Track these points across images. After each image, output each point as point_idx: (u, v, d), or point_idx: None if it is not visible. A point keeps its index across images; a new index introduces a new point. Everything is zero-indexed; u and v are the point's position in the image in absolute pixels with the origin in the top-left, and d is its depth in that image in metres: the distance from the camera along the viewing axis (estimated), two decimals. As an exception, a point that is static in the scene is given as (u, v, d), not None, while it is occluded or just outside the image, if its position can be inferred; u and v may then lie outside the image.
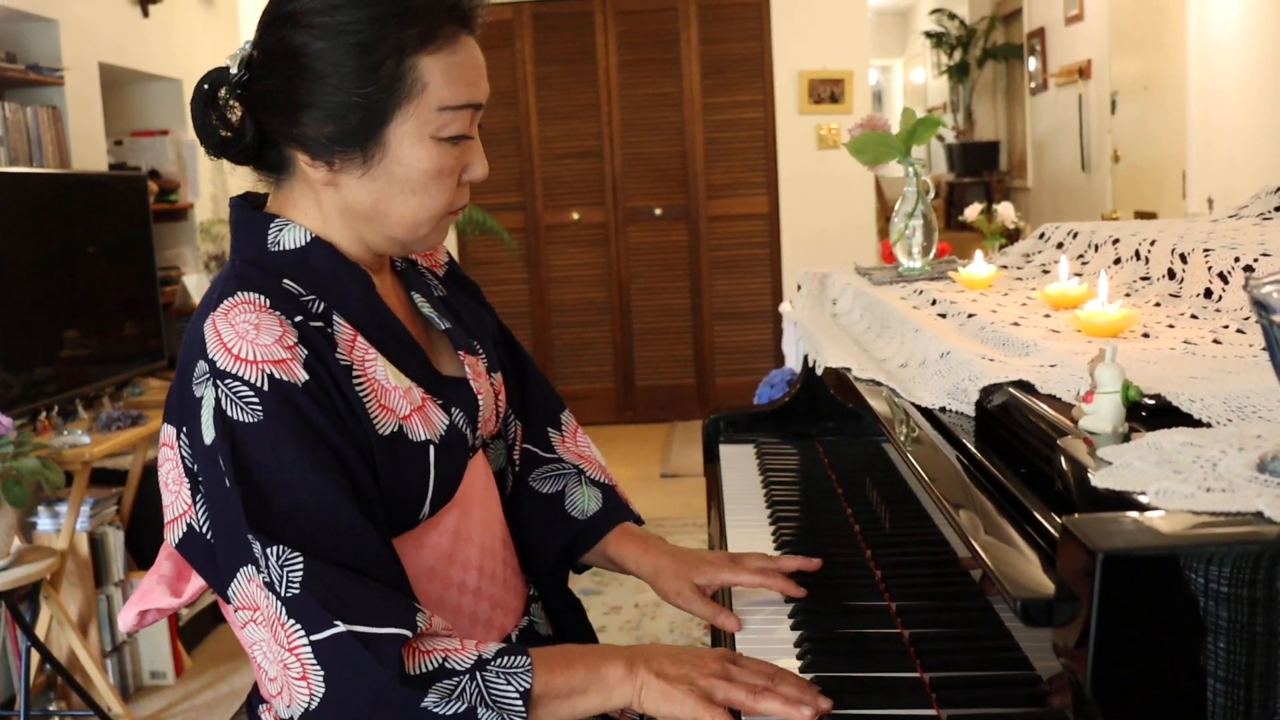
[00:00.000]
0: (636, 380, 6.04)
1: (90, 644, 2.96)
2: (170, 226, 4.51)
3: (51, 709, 2.94)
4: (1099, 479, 0.78)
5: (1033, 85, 7.65)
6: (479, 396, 1.19)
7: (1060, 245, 1.85)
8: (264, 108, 1.09)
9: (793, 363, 3.19)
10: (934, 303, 1.61)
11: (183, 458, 1.07)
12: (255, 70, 1.10)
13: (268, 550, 0.97)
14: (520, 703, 0.97)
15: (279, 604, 0.96)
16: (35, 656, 2.75)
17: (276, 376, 1.00)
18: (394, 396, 1.09)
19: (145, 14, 4.33)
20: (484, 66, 1.12)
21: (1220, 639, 0.66)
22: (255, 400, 1.00)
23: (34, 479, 2.56)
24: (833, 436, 1.89)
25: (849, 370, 1.47)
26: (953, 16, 9.32)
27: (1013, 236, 3.57)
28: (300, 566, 0.96)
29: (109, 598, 3.09)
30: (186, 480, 1.07)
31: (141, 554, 3.32)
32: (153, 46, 4.40)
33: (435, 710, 0.94)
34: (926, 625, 1.17)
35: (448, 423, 1.13)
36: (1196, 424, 0.87)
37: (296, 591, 0.96)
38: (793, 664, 1.11)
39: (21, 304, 3.04)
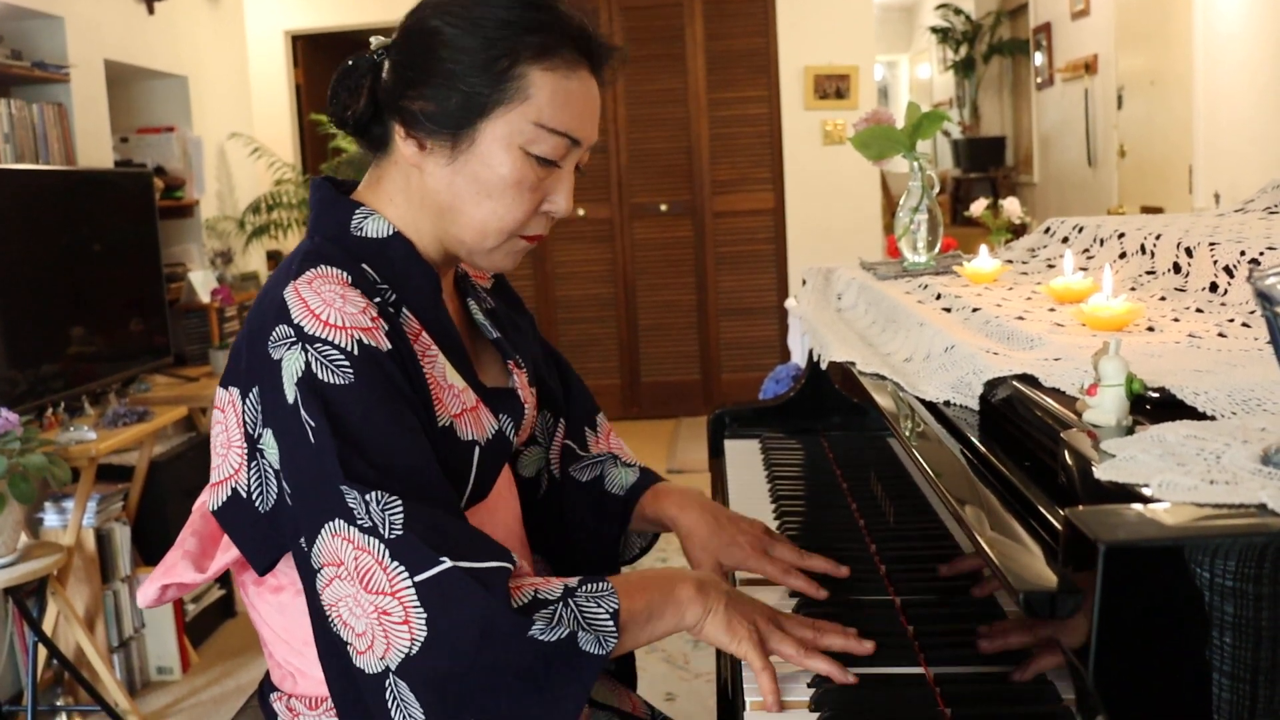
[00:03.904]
0: (642, 376, 6.04)
1: (97, 639, 2.97)
2: (176, 223, 4.51)
3: (59, 704, 2.94)
4: (1102, 472, 0.78)
5: (1039, 80, 7.63)
6: (524, 405, 1.23)
7: (1065, 240, 1.85)
8: (385, 79, 1.13)
9: (798, 358, 3.19)
10: (939, 297, 1.60)
11: (245, 421, 1.08)
12: (391, 49, 1.14)
13: (366, 497, 0.98)
14: (611, 623, 0.98)
15: (383, 547, 0.96)
16: (42, 652, 2.76)
17: (365, 342, 1.03)
18: (448, 394, 1.12)
19: (151, 11, 4.33)
20: (597, 107, 1.14)
21: (1224, 632, 0.66)
22: (346, 364, 1.02)
23: (40, 475, 2.56)
24: (838, 431, 1.89)
25: (854, 365, 1.47)
26: (958, 11, 9.30)
27: (1019, 231, 3.56)
28: (400, 508, 0.98)
29: (115, 593, 3.10)
30: (240, 445, 1.09)
31: (148, 550, 3.32)
32: (158, 43, 4.41)
33: (541, 638, 0.95)
34: (931, 620, 1.17)
35: (496, 428, 1.17)
36: (1201, 417, 0.87)
37: (400, 533, 0.97)
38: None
39: (28, 301, 3.05)
